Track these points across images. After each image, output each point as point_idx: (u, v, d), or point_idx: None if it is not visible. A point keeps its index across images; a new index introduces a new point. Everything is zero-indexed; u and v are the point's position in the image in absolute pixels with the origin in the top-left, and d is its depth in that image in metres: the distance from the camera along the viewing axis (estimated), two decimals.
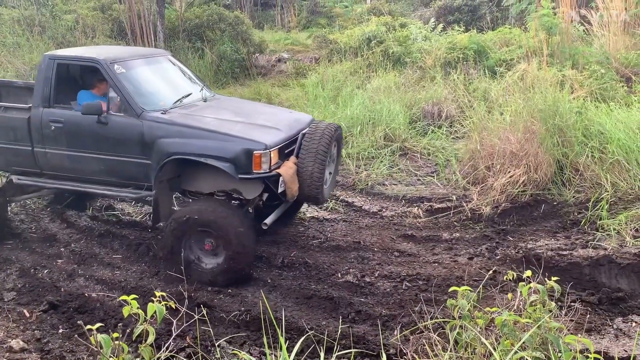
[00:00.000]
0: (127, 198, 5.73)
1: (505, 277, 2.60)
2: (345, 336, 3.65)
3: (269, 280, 4.92)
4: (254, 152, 4.53)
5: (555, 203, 6.28)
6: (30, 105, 5.20)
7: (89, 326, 2.35)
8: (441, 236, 5.81)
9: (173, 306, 2.66)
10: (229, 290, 4.72)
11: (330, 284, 4.83)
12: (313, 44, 14.56)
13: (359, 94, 9.80)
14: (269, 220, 4.95)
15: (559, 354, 2.22)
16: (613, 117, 7.01)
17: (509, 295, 2.62)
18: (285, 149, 4.93)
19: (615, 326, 4.01)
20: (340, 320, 3.21)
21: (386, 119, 8.74)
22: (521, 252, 5.22)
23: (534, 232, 5.78)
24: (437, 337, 2.55)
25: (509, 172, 6.54)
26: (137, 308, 2.50)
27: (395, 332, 3.46)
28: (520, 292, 2.38)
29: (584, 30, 12.38)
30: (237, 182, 4.77)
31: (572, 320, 4.01)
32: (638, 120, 6.87)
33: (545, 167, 6.52)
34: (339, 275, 4.99)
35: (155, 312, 2.47)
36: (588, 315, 4.17)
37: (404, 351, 2.56)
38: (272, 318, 2.39)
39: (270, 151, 4.59)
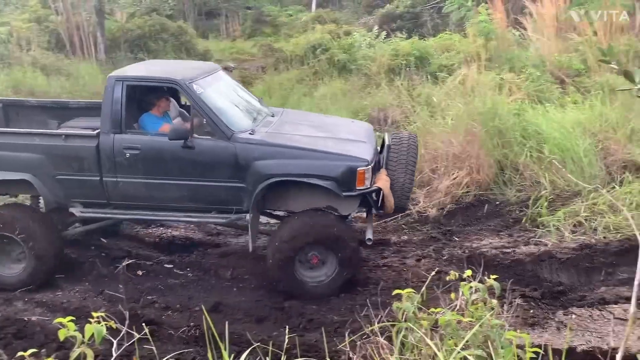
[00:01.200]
0: (214, 223, 5.43)
1: (447, 278, 2.64)
2: (296, 346, 3.62)
3: (219, 294, 4.84)
4: (358, 168, 4.49)
5: (497, 203, 6.47)
6: (98, 131, 4.70)
7: (20, 353, 2.23)
8: (390, 240, 5.88)
9: (114, 326, 2.56)
10: (177, 306, 4.61)
11: (281, 295, 4.80)
12: (259, 52, 14.55)
13: (306, 102, 9.84)
14: (370, 236, 4.88)
15: (501, 351, 2.27)
16: (548, 118, 7.32)
17: (452, 295, 2.67)
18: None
19: (557, 319, 4.16)
20: (287, 330, 3.18)
21: None
22: (467, 251, 5.35)
23: (478, 231, 5.94)
24: (383, 341, 2.57)
25: (453, 174, 6.71)
26: (75, 330, 2.39)
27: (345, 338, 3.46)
28: (462, 292, 2.44)
29: (520, 35, 12.90)
30: (334, 200, 4.65)
31: (516, 316, 4.14)
32: (571, 120, 7.20)
33: (487, 168, 6.72)
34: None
35: (93, 333, 2.37)
36: (532, 310, 4.33)
37: (352, 357, 2.57)
38: (215, 332, 2.34)
39: (370, 167, 4.60)
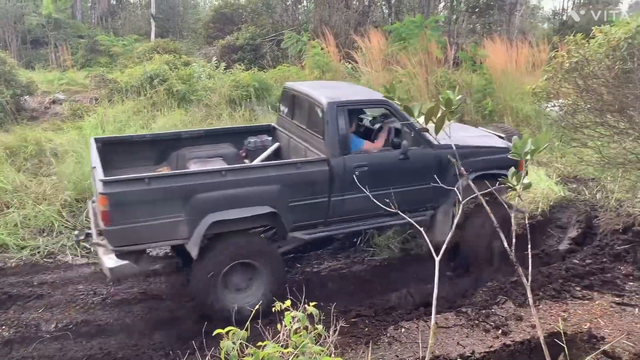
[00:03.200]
0: (411, 222, 4.92)
1: (273, 309, 2.65)
2: None
3: (38, 351, 4.35)
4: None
5: None
6: (324, 157, 4.93)
7: None
8: None
9: None
10: None
11: (113, 343, 4.46)
12: (91, 83, 13.66)
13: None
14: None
15: None
16: None
17: (278, 326, 2.69)
18: None
19: (388, 334, 4.39)
20: None
21: None
22: (307, 277, 5.47)
23: (318, 256, 6.13)
24: None
25: None
26: None
27: None
28: (284, 322, 2.46)
29: (352, 68, 13.81)
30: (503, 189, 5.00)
31: (352, 336, 4.32)
32: None
33: None
34: (125, 334, 4.64)
35: None
36: (366, 329, 4.53)
37: None
38: None
39: None
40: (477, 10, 18.70)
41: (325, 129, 4.95)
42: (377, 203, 3.96)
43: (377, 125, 5.85)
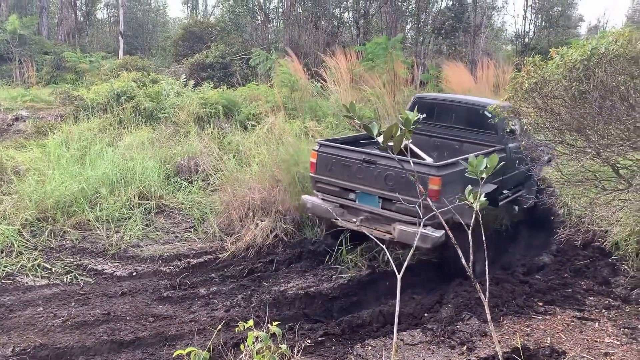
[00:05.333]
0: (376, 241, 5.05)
1: (236, 329, 2.62)
2: None
3: None
4: None
5: (303, 245, 6.74)
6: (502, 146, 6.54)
7: None
8: (198, 293, 5.71)
9: None
10: None
11: None
12: (56, 100, 13.42)
13: (109, 152, 9.28)
14: None
15: None
16: None
17: (242, 347, 2.66)
18: None
19: (355, 352, 4.38)
20: None
21: (140, 176, 8.43)
22: (274, 296, 5.43)
23: (286, 274, 6.09)
24: None
25: (262, 219, 6.85)
26: None
27: None
28: (247, 342, 2.44)
29: (321, 86, 13.94)
30: None
31: (319, 355, 4.30)
32: None
33: (293, 212, 7.00)
34: (86, 358, 4.50)
35: None
36: (333, 347, 4.51)
37: None
38: None
39: None
40: (442, 32, 19.17)
41: (496, 126, 6.57)
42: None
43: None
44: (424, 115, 6.77)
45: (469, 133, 7.03)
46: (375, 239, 3.14)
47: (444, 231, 5.19)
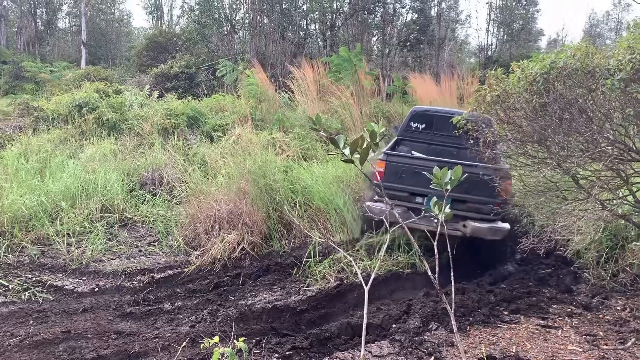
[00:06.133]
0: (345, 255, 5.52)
1: (202, 346, 2.55)
2: None
3: None
4: None
5: (271, 257, 6.68)
6: None
7: None
8: (163, 308, 5.57)
9: None
10: None
11: None
12: (15, 111, 13.03)
13: (70, 164, 9.04)
14: None
15: None
16: (313, 173, 7.92)
17: None
18: None
19: None
20: None
21: (102, 189, 8.23)
22: (241, 310, 5.35)
23: (253, 288, 6.01)
24: None
25: (228, 232, 6.76)
26: None
27: None
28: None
29: (288, 97, 13.94)
30: None
31: None
32: (332, 175, 7.91)
33: (260, 224, 6.93)
34: None
35: None
36: None
37: None
38: None
39: None
40: (408, 44, 19.47)
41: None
42: None
43: None
44: (424, 125, 7.66)
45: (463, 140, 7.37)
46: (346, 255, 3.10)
47: (508, 224, 6.35)
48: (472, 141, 6.64)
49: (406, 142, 7.98)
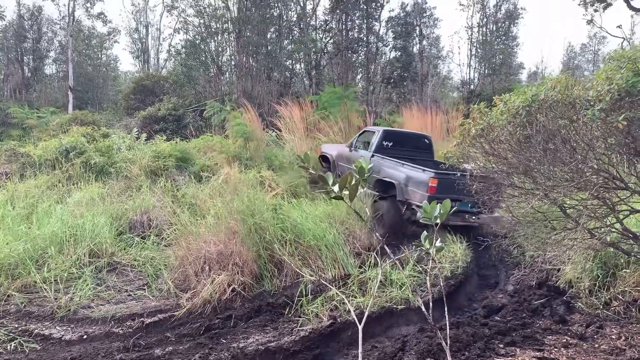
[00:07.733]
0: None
1: None
2: None
3: None
4: None
5: (262, 297, 6.59)
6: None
7: None
8: (153, 354, 5.45)
9: None
10: None
11: None
12: (1, 158, 12.96)
13: (58, 209, 8.95)
14: None
15: None
16: (302, 211, 7.91)
17: None
18: None
19: None
20: None
21: (90, 234, 8.13)
22: (233, 353, 5.24)
23: (245, 330, 5.91)
24: None
25: (219, 273, 6.67)
26: None
27: None
28: None
29: (276, 136, 14.05)
30: None
31: None
32: (322, 212, 7.91)
33: (250, 264, 6.86)
34: None
35: None
36: None
37: None
38: None
39: None
40: (392, 81, 19.83)
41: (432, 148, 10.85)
42: None
43: None
44: (392, 143, 10.14)
45: (418, 153, 10.62)
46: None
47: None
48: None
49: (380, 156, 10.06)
